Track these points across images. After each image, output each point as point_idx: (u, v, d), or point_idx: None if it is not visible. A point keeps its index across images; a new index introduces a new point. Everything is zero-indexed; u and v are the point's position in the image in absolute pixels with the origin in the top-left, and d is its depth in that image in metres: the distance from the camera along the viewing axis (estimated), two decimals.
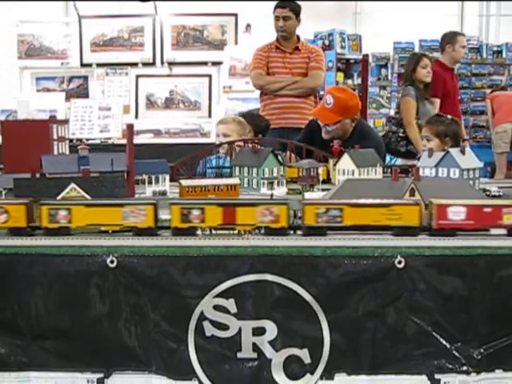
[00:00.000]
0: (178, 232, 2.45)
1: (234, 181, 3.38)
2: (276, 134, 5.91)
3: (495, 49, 9.69)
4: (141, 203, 2.48)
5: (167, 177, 3.44)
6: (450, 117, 5.16)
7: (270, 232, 2.45)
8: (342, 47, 9.34)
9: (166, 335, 2.40)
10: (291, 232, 2.51)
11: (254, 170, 3.74)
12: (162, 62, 9.04)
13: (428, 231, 2.49)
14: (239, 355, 2.41)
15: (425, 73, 6.98)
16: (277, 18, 6.67)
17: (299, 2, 6.74)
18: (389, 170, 3.82)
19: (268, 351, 2.40)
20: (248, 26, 9.17)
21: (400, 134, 6.89)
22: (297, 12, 6.64)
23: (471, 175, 3.30)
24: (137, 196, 3.18)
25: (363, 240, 2.42)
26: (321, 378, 2.41)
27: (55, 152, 3.50)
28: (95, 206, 2.46)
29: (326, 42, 9.28)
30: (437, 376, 2.40)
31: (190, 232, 2.45)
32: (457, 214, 2.44)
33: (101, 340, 2.41)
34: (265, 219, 2.44)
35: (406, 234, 2.44)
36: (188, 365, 2.40)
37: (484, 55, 9.78)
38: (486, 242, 2.41)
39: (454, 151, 3.31)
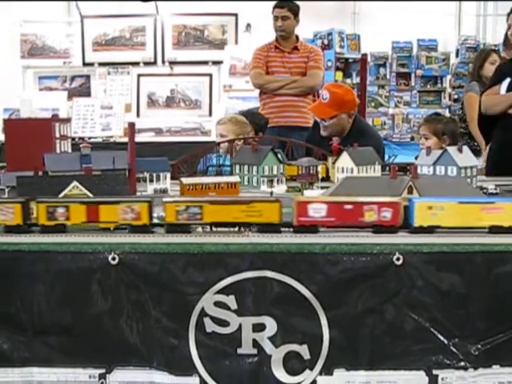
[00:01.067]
0: (45, 230, 2.47)
1: (234, 179, 3.40)
2: (275, 133, 5.97)
3: (492, 48, 9.71)
4: (9, 201, 2.50)
5: (168, 175, 3.47)
6: (448, 115, 5.20)
7: (133, 230, 2.47)
8: (341, 47, 9.38)
9: (167, 331, 2.41)
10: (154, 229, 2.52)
11: (254, 168, 3.76)
12: (163, 62, 9.09)
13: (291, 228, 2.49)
14: (239, 351, 2.42)
15: (493, 69, 6.90)
16: (275, 18, 6.73)
17: (298, 2, 6.80)
18: (387, 168, 3.85)
19: (268, 347, 2.42)
20: (248, 25, 9.21)
21: (463, 130, 6.81)
22: (295, 12, 6.70)
23: (468, 173, 3.32)
24: (138, 194, 3.21)
25: (362, 237, 2.43)
26: (320, 373, 2.42)
27: (57, 150, 3.52)
28: None
29: (325, 42, 9.32)
30: (435, 372, 2.41)
31: (59, 229, 2.47)
32: (317, 211, 2.43)
33: (102, 336, 2.42)
34: (127, 216, 2.46)
35: (267, 231, 2.44)
36: (189, 361, 2.42)
37: None
38: (483, 239, 2.42)
39: (452, 149, 3.33)
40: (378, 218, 2.44)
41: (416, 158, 3.80)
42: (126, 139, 3.52)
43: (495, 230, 2.44)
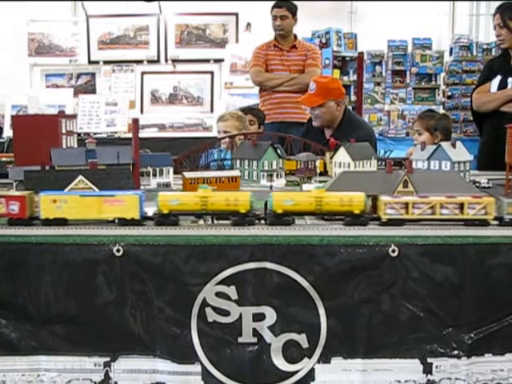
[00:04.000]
0: None
1: (235, 173, 3.46)
2: (275, 128, 6.05)
3: (485, 47, 9.72)
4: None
5: (171, 169, 3.52)
6: (440, 112, 5.28)
7: None
8: (339, 45, 9.43)
9: (170, 321, 2.46)
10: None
11: (254, 162, 3.82)
12: (166, 60, 9.16)
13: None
14: (240, 340, 2.47)
15: None
16: (274, 18, 6.82)
17: (296, 2, 6.88)
18: (383, 163, 3.90)
19: (267, 336, 2.47)
20: (248, 24, 9.27)
21: None
22: (293, 11, 6.80)
23: (462, 168, 3.37)
24: (142, 188, 3.26)
25: (358, 229, 2.48)
26: (318, 361, 2.47)
27: (64, 145, 3.57)
28: None
29: (323, 40, 9.36)
30: (429, 360, 2.47)
31: None
32: None
33: (107, 325, 2.47)
34: None
35: None
36: (191, 349, 2.47)
37: (474, 53, 9.80)
38: (476, 232, 2.47)
39: (446, 145, 3.38)
40: (7, 210, 2.53)
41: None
42: (130, 135, 3.59)
43: (122, 222, 2.52)
